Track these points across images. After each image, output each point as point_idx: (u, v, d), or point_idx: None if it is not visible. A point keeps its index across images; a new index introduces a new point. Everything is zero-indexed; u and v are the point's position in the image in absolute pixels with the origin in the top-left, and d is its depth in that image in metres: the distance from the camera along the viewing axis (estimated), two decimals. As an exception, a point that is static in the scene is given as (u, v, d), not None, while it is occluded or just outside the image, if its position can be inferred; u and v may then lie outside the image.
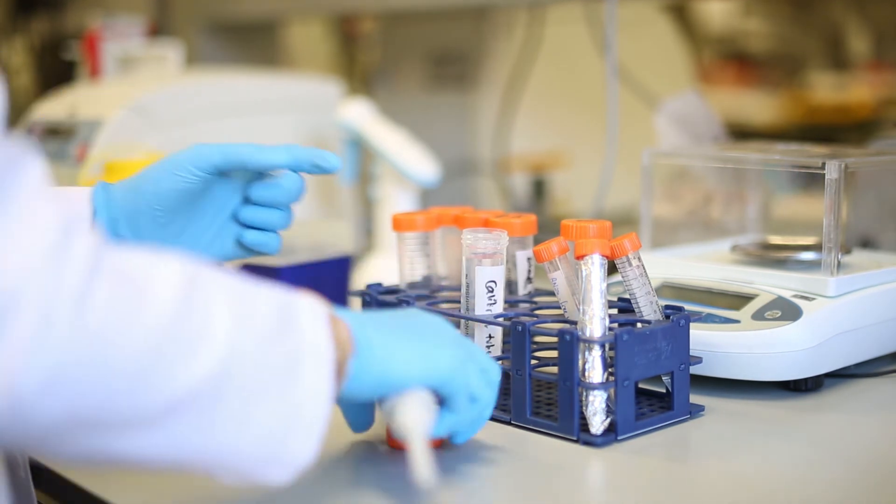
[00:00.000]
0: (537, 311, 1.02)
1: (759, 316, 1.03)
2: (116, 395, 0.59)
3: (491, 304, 0.98)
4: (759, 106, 3.03)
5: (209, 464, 0.66)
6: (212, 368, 0.62)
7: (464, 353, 0.81)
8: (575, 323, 0.94)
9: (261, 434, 0.66)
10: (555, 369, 0.92)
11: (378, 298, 1.07)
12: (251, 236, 0.95)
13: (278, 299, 0.68)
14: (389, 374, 0.76)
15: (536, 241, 1.02)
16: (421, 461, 0.75)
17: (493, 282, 0.98)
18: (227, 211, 0.95)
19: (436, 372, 0.78)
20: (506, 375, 0.99)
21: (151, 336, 0.59)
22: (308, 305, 0.70)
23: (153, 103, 1.47)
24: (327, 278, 1.32)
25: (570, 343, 0.89)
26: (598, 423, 0.89)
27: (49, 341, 0.55)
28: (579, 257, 0.91)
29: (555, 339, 0.91)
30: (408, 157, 1.50)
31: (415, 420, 0.77)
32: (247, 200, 0.95)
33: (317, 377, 0.68)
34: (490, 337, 0.99)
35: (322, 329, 0.69)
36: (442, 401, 0.81)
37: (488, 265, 0.97)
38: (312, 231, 1.35)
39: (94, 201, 0.91)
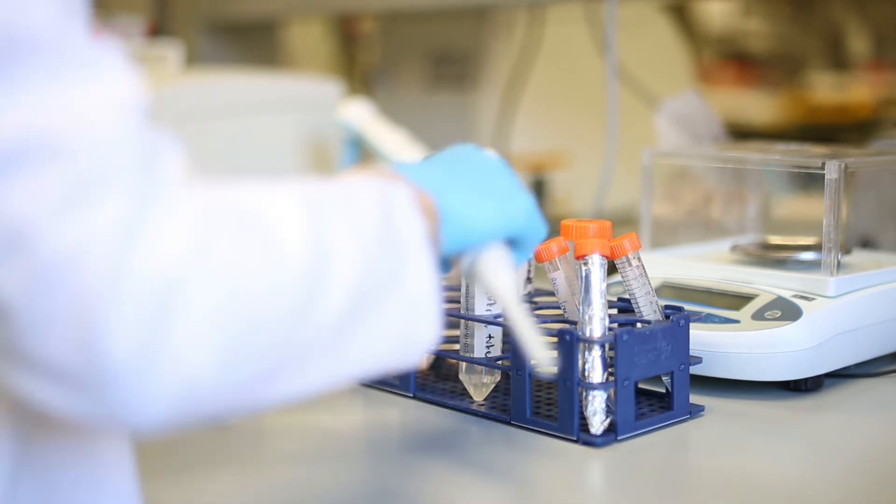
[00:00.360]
0: (537, 312, 1.02)
1: (758, 316, 1.03)
2: (278, 346, 0.59)
3: (490, 304, 0.98)
4: (759, 106, 3.03)
5: (353, 377, 0.68)
6: (349, 290, 0.62)
7: (530, 198, 0.81)
8: (575, 323, 0.94)
9: (395, 332, 0.67)
10: (555, 369, 0.92)
11: (378, 298, 1.07)
12: None
13: (377, 196, 0.68)
14: (470, 233, 0.77)
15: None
16: (525, 330, 0.78)
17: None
18: None
19: (511, 224, 0.79)
20: (506, 375, 0.99)
21: (296, 281, 0.59)
22: (400, 194, 0.69)
23: (153, 103, 1.46)
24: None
25: (570, 343, 0.89)
26: (597, 423, 0.89)
27: (221, 326, 0.56)
28: (579, 257, 0.91)
29: (555, 339, 0.91)
30: (408, 157, 1.50)
31: (504, 283, 0.79)
32: None
33: (422, 261, 0.69)
34: (490, 337, 0.99)
35: (417, 214, 0.70)
36: (512, 243, 0.82)
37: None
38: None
39: None
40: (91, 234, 0.52)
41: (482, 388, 1.00)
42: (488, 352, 0.99)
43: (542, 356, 0.77)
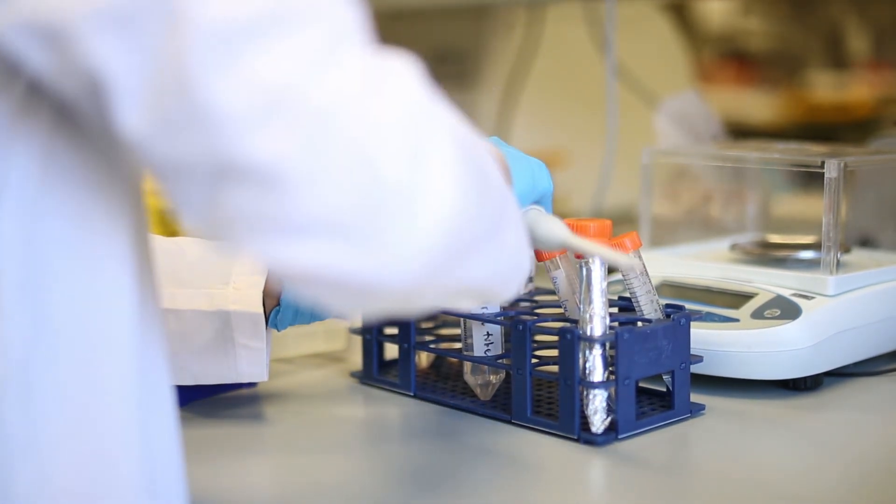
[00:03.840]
0: (538, 310, 1.02)
1: (758, 315, 1.03)
2: (485, 217, 0.65)
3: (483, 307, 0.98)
4: (759, 105, 3.03)
5: (496, 279, 0.72)
6: (498, 197, 0.68)
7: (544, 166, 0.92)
8: (576, 322, 0.94)
9: (511, 253, 0.72)
10: (555, 368, 0.92)
11: (378, 297, 1.07)
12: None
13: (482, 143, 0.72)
14: (519, 195, 0.86)
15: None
16: (598, 250, 0.85)
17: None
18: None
19: (543, 191, 0.90)
20: (506, 375, 1.00)
21: (483, 170, 0.65)
22: (487, 146, 0.74)
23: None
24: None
25: (570, 342, 0.89)
26: (598, 422, 0.90)
27: (460, 177, 0.60)
28: (580, 256, 0.91)
29: (555, 338, 0.91)
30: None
31: (558, 225, 0.87)
32: None
33: (514, 202, 0.74)
34: (488, 335, 0.99)
35: (498, 165, 0.77)
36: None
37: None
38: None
39: None
40: (347, 83, 0.55)
41: (488, 387, 1.00)
42: (488, 349, 0.99)
43: (625, 262, 0.84)
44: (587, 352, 0.89)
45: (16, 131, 0.58)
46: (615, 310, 1.00)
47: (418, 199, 0.57)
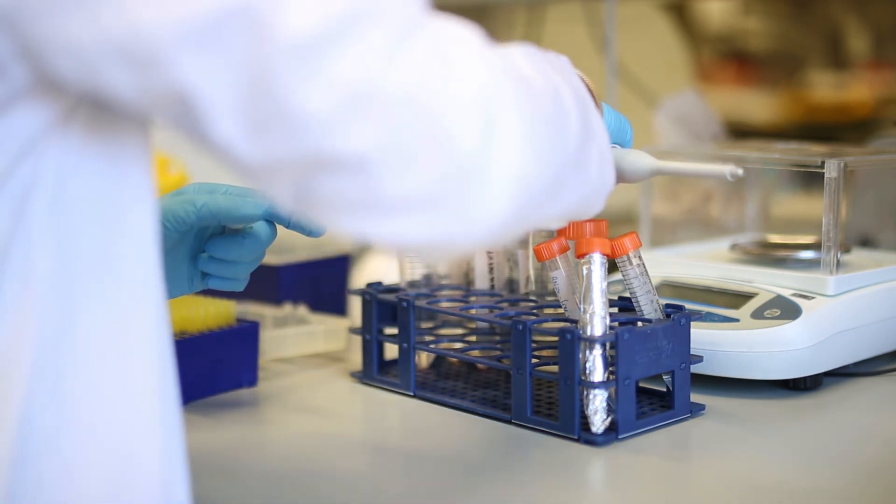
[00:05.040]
0: (538, 310, 1.02)
1: (758, 315, 1.03)
2: (560, 159, 0.71)
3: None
4: (759, 105, 3.03)
5: (583, 204, 0.79)
6: (578, 127, 0.74)
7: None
8: (576, 322, 0.94)
9: (596, 172, 0.78)
10: (556, 368, 0.92)
11: (378, 297, 1.07)
12: (215, 283, 0.92)
13: (567, 73, 0.79)
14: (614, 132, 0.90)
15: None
16: (696, 168, 0.89)
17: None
18: (190, 256, 0.92)
19: (625, 138, 0.91)
20: (506, 374, 1.00)
21: (558, 118, 0.71)
22: (575, 75, 0.82)
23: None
24: (327, 277, 1.32)
25: (570, 342, 0.89)
26: (598, 422, 0.90)
27: (531, 137, 0.66)
28: (580, 256, 0.91)
29: (555, 338, 0.91)
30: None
31: (649, 157, 0.90)
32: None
33: (598, 116, 0.80)
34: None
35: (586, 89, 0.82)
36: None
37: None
38: (312, 230, 1.35)
39: None
40: (419, 70, 0.59)
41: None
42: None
43: (724, 170, 0.84)
44: (587, 352, 0.89)
45: (54, 136, 0.61)
46: (615, 310, 1.00)
47: (492, 166, 0.62)
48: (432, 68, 0.60)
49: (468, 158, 0.61)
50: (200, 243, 0.92)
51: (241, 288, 0.93)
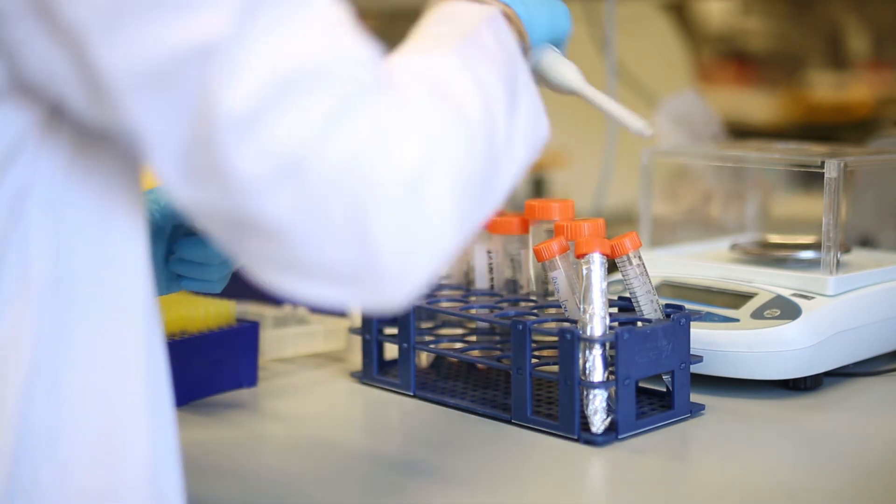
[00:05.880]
0: (538, 310, 1.02)
1: (758, 315, 1.03)
2: (486, 185, 0.69)
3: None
4: (759, 105, 3.03)
5: (516, 178, 0.75)
6: (505, 117, 0.72)
7: (563, 2, 0.93)
8: (575, 322, 0.94)
9: (530, 132, 0.77)
10: (555, 368, 0.92)
11: (378, 297, 1.07)
12: (188, 284, 0.91)
13: (490, 29, 0.78)
14: (538, 38, 0.88)
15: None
16: (609, 104, 0.88)
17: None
18: (164, 257, 0.90)
19: (559, 25, 0.92)
20: (506, 374, 1.00)
21: (485, 134, 0.69)
22: (499, 19, 0.80)
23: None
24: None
25: (570, 342, 0.89)
26: (598, 422, 0.90)
27: (457, 199, 0.64)
28: (580, 256, 0.91)
29: (555, 338, 0.91)
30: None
31: (572, 71, 0.92)
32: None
33: (525, 69, 0.80)
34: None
35: (512, 31, 0.81)
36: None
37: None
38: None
39: None
40: (355, 145, 0.59)
41: None
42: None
43: (634, 123, 0.83)
44: (587, 352, 0.89)
45: (44, 138, 0.62)
46: (615, 310, 1.00)
47: (416, 251, 0.62)
48: (366, 148, 0.59)
49: (386, 254, 0.61)
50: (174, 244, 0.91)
51: (217, 290, 0.91)
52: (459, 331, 1.10)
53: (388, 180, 0.60)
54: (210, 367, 1.05)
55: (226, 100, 0.57)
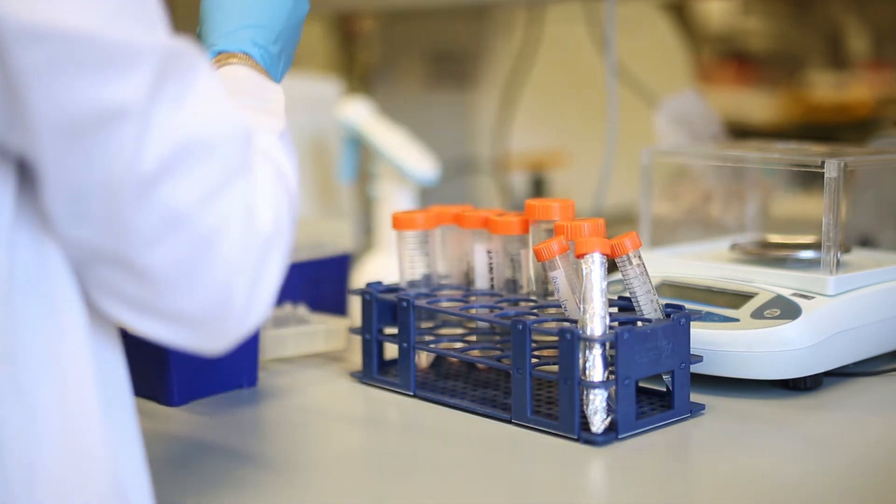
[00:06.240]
0: (538, 310, 1.02)
1: (758, 314, 1.03)
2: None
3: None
4: (759, 105, 3.03)
5: None
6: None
7: None
8: (575, 322, 0.94)
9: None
10: (555, 368, 0.92)
11: (378, 297, 1.07)
12: None
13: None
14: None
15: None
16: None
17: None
18: None
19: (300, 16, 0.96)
20: (506, 374, 1.00)
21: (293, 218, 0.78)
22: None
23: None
24: (327, 277, 1.32)
25: (570, 342, 0.89)
26: (598, 422, 0.90)
27: (283, 263, 0.74)
28: (580, 256, 0.91)
29: (555, 338, 0.91)
30: (407, 156, 1.50)
31: None
32: None
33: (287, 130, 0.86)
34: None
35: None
36: None
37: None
38: (312, 230, 1.35)
39: None
40: (230, 212, 0.68)
41: None
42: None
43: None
44: (587, 352, 0.89)
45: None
46: (615, 310, 1.00)
47: (254, 307, 0.72)
48: (236, 218, 0.68)
49: (237, 307, 0.70)
50: None
51: None
52: (459, 331, 1.10)
53: (250, 246, 0.69)
54: (210, 367, 1.05)
55: (134, 160, 0.64)
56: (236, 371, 1.07)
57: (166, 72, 0.65)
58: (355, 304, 1.22)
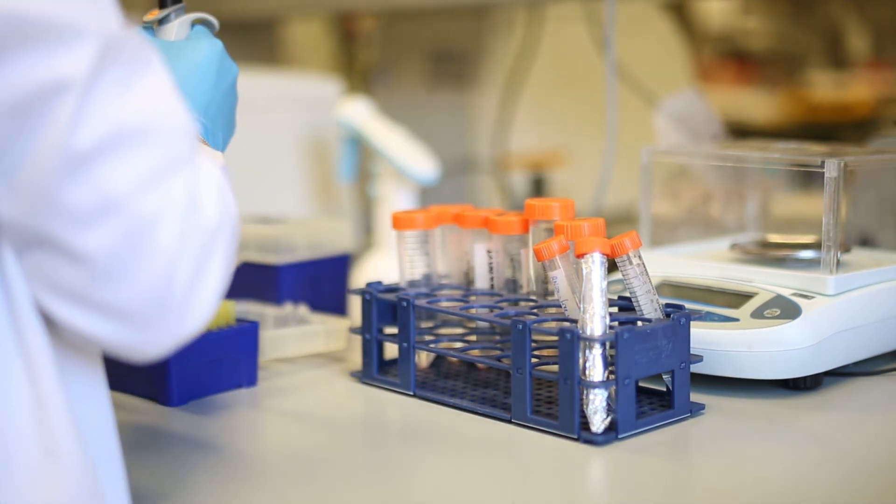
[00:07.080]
0: (538, 310, 1.02)
1: (758, 314, 1.03)
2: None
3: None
4: (759, 104, 3.03)
5: None
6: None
7: None
8: (575, 321, 0.94)
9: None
10: (555, 368, 0.92)
11: (378, 297, 1.07)
12: None
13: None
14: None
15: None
16: None
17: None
18: None
19: (230, 80, 1.00)
20: (506, 374, 1.00)
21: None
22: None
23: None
24: (327, 277, 1.32)
25: (570, 341, 0.89)
26: (598, 422, 0.90)
27: (228, 259, 0.72)
28: (580, 256, 0.91)
29: (555, 338, 0.91)
30: (407, 156, 1.50)
31: None
32: None
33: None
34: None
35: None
36: None
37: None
38: (312, 229, 1.35)
39: None
40: (170, 202, 0.67)
41: None
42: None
43: None
44: (587, 352, 0.89)
45: None
46: (615, 310, 1.00)
47: (194, 304, 0.69)
48: (179, 207, 0.67)
49: (176, 302, 0.68)
50: None
51: None
52: (459, 330, 1.10)
53: (191, 237, 0.68)
54: (210, 367, 1.05)
55: (69, 135, 0.63)
56: (236, 371, 1.07)
57: (112, 55, 0.65)
58: (355, 304, 1.22)
